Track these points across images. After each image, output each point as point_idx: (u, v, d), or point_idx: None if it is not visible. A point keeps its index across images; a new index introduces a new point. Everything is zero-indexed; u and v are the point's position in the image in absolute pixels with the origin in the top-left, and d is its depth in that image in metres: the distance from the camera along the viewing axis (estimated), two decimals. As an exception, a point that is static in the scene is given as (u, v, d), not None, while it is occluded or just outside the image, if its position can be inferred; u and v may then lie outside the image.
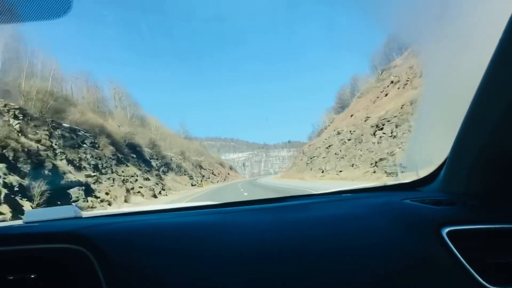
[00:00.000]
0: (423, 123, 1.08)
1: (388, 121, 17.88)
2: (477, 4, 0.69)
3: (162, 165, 28.53)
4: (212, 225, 0.70)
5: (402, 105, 17.69)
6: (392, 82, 25.13)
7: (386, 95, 24.27)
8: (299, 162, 39.14)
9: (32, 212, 0.85)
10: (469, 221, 0.63)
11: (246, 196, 10.62)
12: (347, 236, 0.63)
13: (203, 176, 45.24)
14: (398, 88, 23.05)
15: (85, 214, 0.90)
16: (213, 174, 55.28)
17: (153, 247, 0.62)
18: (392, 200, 0.78)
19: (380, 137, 17.61)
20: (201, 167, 49.77)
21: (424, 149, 1.04)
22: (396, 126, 16.66)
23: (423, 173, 0.89)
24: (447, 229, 0.61)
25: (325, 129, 40.50)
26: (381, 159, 14.71)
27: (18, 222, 0.86)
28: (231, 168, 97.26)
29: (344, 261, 0.58)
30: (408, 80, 21.94)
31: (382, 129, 17.90)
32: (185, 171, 35.08)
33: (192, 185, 31.64)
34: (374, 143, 17.78)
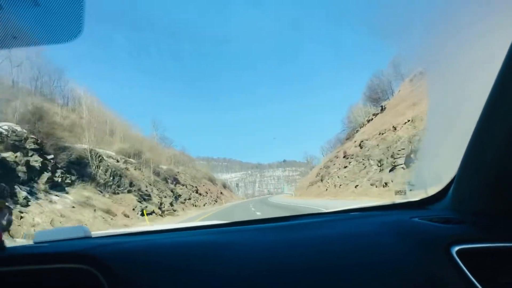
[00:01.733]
0: (431, 140, 1.47)
1: None
2: (485, 20, 1.01)
3: (48, 167, 17.90)
4: (220, 244, 0.99)
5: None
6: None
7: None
8: (337, 171, 34.94)
9: (42, 233, 1.16)
10: (479, 240, 0.87)
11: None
12: (355, 254, 0.88)
13: (179, 196, 37.76)
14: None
15: (95, 234, 1.22)
16: (197, 193, 49.61)
17: (161, 266, 0.89)
18: (400, 218, 1.10)
19: None
20: (177, 181, 42.86)
21: (433, 166, 1.42)
22: None
23: (432, 191, 1.24)
24: (456, 248, 0.84)
25: (363, 125, 41.75)
26: None
27: (29, 242, 1.15)
28: (224, 187, 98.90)
29: (351, 279, 0.80)
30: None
31: None
32: (132, 185, 26.77)
33: (145, 215, 21.82)
34: None
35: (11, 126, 17.83)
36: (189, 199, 42.18)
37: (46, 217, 14.68)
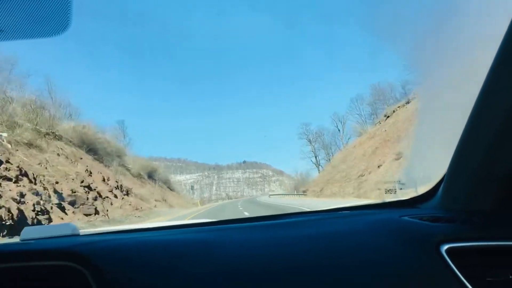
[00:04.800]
0: (421, 139, 1.51)
1: None
2: (477, 23, 1.07)
3: None
4: (209, 242, 1.02)
5: None
6: None
7: None
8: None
9: (29, 230, 1.18)
10: (468, 238, 0.90)
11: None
12: (344, 253, 0.91)
13: None
14: None
15: (82, 231, 1.25)
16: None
17: (149, 264, 0.91)
18: (390, 217, 1.14)
19: None
20: None
21: (423, 165, 1.46)
22: None
23: (422, 189, 1.28)
24: (446, 246, 0.87)
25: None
26: None
27: (15, 239, 1.16)
28: (153, 178, 44.11)
29: (340, 278, 0.83)
30: None
31: None
32: None
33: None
34: None
35: None
36: None
37: None
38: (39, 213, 13.59)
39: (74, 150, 26.11)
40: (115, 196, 23.76)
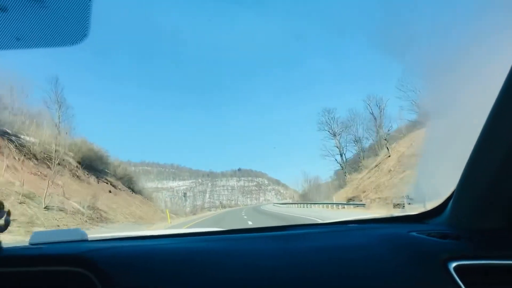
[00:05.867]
0: (431, 154, 1.55)
1: None
2: (487, 35, 1.08)
3: None
4: (216, 252, 1.04)
5: None
6: None
7: None
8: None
9: (38, 234, 1.20)
10: (476, 257, 0.92)
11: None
12: (351, 266, 0.93)
13: None
14: None
15: (91, 237, 1.27)
16: None
17: (156, 271, 0.93)
18: (398, 232, 1.15)
19: None
20: None
21: (432, 181, 1.48)
22: None
23: (430, 205, 1.29)
24: (454, 264, 0.89)
25: None
26: None
27: (24, 243, 1.18)
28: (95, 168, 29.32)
29: None
30: None
31: None
32: None
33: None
34: None
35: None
36: None
37: None
38: None
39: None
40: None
